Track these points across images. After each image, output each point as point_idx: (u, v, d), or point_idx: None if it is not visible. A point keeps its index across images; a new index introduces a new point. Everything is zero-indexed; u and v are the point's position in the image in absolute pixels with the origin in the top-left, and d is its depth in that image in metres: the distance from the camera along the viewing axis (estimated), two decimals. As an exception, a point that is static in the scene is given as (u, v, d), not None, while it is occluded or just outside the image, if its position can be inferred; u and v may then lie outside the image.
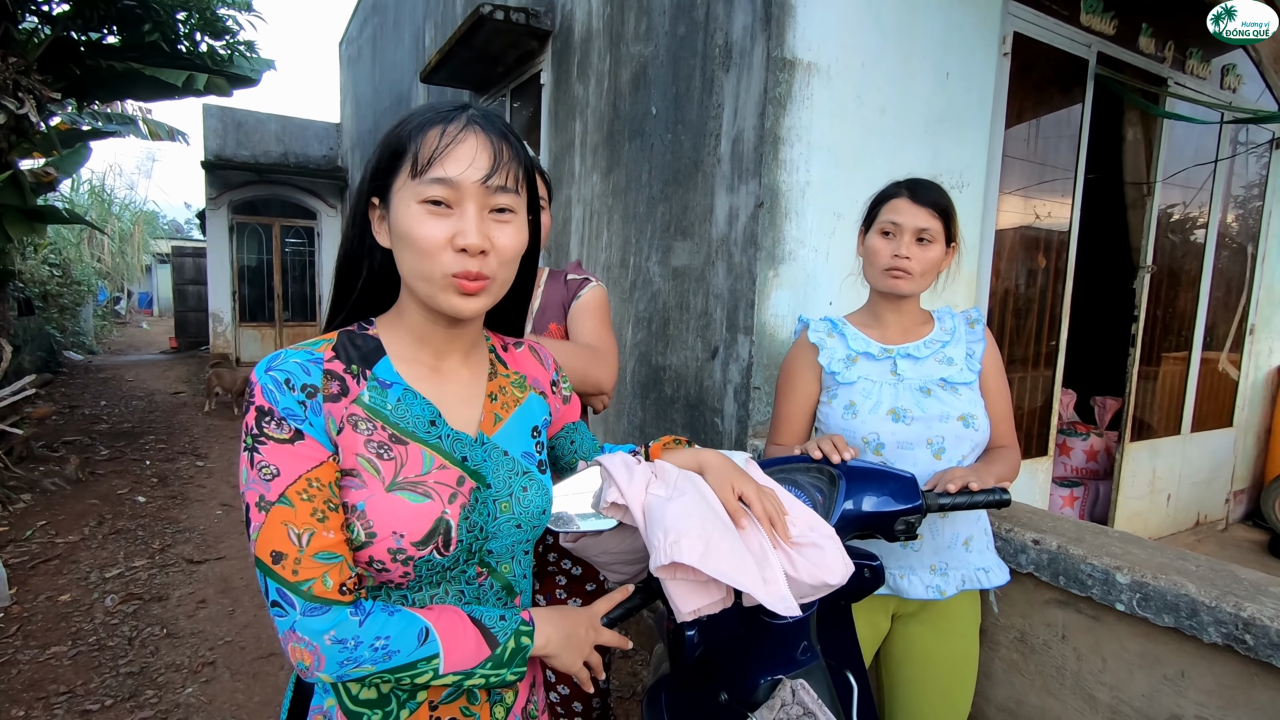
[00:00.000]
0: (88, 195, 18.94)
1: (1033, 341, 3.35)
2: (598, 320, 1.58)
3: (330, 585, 0.73)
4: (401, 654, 0.75)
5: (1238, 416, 4.46)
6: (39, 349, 9.64)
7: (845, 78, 2.30)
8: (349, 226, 0.87)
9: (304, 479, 0.74)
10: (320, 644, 0.72)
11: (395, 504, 0.78)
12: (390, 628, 0.75)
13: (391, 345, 0.85)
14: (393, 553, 0.77)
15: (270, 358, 0.77)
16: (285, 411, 0.74)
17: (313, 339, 0.83)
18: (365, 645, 0.74)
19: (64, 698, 2.50)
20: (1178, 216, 4.06)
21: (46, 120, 6.16)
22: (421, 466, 0.81)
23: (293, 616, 0.72)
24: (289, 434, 0.74)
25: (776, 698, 1.09)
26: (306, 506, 0.73)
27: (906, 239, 1.35)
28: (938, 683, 1.41)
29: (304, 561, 0.72)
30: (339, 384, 0.79)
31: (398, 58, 7.06)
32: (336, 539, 0.75)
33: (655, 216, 2.81)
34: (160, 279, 24.79)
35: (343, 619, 0.73)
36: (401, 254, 0.80)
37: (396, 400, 0.82)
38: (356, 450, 0.78)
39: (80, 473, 5.14)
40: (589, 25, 3.35)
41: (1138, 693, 1.34)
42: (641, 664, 2.70)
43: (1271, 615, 1.13)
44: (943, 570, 1.39)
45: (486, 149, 0.78)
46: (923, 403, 1.37)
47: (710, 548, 0.96)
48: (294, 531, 0.72)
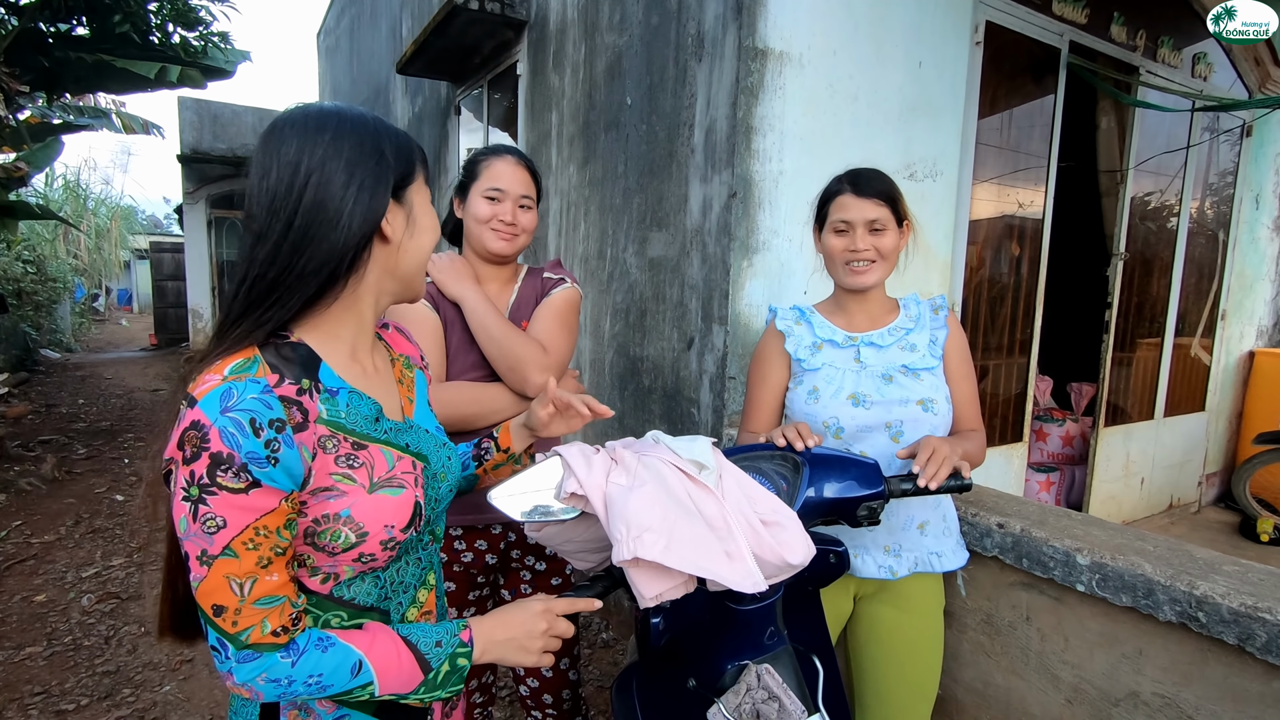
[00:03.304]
0: (62, 190, 18.60)
1: (1008, 329, 3.38)
2: (556, 321, 1.56)
3: (267, 630, 0.74)
4: (335, 686, 0.78)
5: (1210, 401, 4.54)
6: (14, 347, 9.49)
7: (817, 66, 2.30)
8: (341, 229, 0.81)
9: (250, 529, 0.72)
10: (255, 684, 0.75)
11: (381, 502, 0.82)
12: (323, 665, 0.77)
13: (322, 350, 0.84)
14: (384, 543, 0.83)
15: (220, 395, 0.71)
16: (248, 457, 0.70)
17: (235, 362, 0.74)
18: (299, 683, 0.77)
19: (39, 698, 2.48)
20: (1151, 204, 4.11)
21: (15, 114, 6.04)
22: (387, 464, 0.85)
23: (229, 664, 0.74)
24: (244, 484, 0.70)
25: (742, 682, 1.11)
26: (252, 556, 0.73)
27: (860, 233, 1.39)
28: (901, 663, 1.44)
29: (244, 610, 0.73)
30: (298, 409, 0.76)
31: (375, 49, 6.98)
32: (280, 581, 0.76)
33: (631, 208, 2.80)
34: (139, 275, 24.43)
35: (273, 662, 0.75)
36: (420, 238, 0.88)
37: (346, 406, 0.83)
38: (329, 469, 0.79)
39: (57, 472, 5.08)
40: (564, 15, 3.33)
41: (1098, 671, 1.37)
42: (621, 653, 2.72)
43: (1223, 593, 1.16)
44: (896, 552, 1.44)
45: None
46: (883, 388, 1.40)
47: (673, 539, 0.97)
48: (236, 582, 0.72)
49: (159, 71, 6.31)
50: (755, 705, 1.07)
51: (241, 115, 10.33)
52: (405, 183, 0.85)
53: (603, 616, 2.99)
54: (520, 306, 1.60)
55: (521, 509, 1.04)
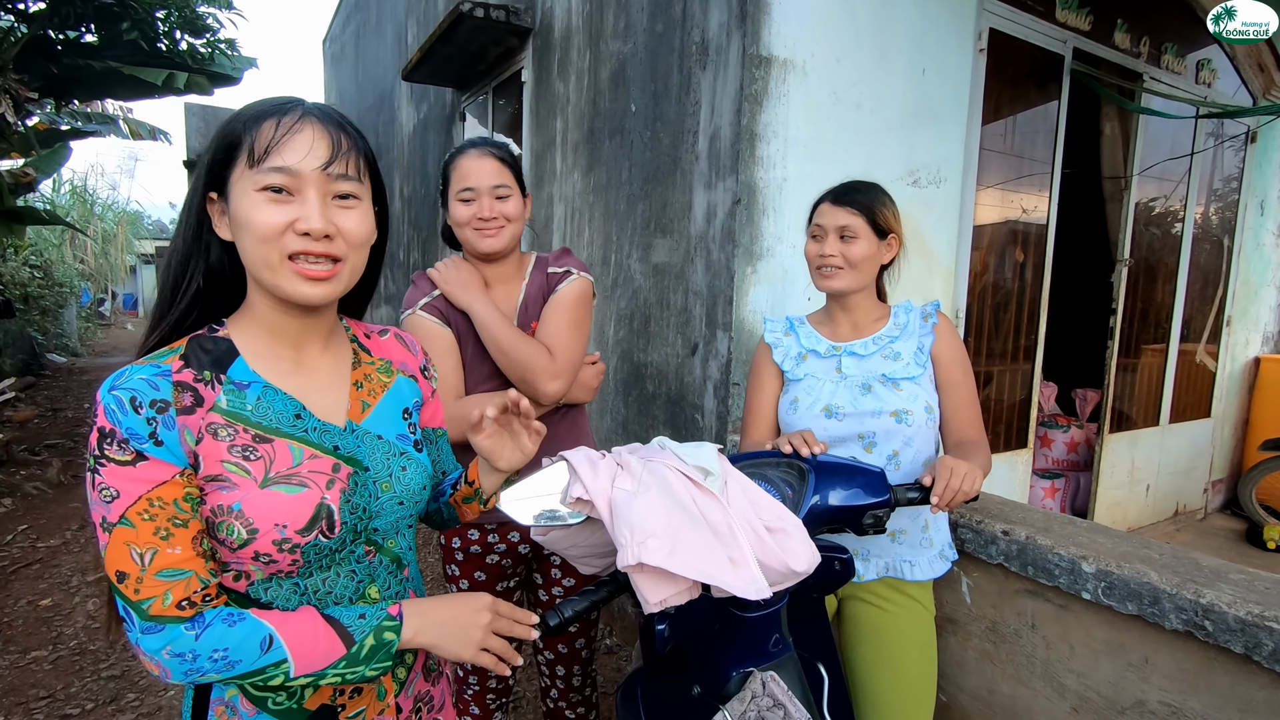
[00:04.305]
0: (69, 196, 18.71)
1: (1012, 335, 3.38)
2: (564, 319, 1.51)
3: (170, 602, 0.74)
4: (244, 663, 0.76)
5: (1215, 407, 4.52)
6: (20, 352, 9.53)
7: (821, 74, 2.31)
8: (182, 222, 0.85)
9: (144, 499, 0.73)
10: (160, 659, 0.74)
11: (272, 498, 0.79)
12: (228, 639, 0.75)
13: (244, 344, 0.84)
14: (278, 543, 0.79)
15: (116, 375, 0.75)
16: (128, 433, 0.73)
17: (160, 350, 0.80)
18: (204, 658, 0.75)
19: (44, 702, 2.49)
20: (1155, 210, 4.10)
21: (24, 120, 6.09)
22: (292, 460, 0.82)
23: (134, 633, 0.74)
24: (130, 456, 0.73)
25: (747, 689, 1.11)
26: (149, 526, 0.73)
27: (830, 238, 1.44)
28: (893, 664, 1.44)
29: (145, 580, 0.73)
30: (191, 395, 0.78)
31: (380, 55, 7.02)
32: (184, 554, 0.75)
33: (635, 214, 2.81)
34: (145, 280, 24.56)
35: (177, 635, 0.74)
36: (243, 243, 0.79)
37: (256, 400, 0.82)
38: (220, 457, 0.78)
39: (62, 476, 5.10)
40: (568, 22, 3.35)
41: (1104, 679, 1.36)
42: (625, 660, 2.71)
43: (1229, 601, 1.15)
44: (864, 556, 1.47)
45: (325, 138, 0.79)
46: (859, 399, 1.42)
47: (677, 544, 0.97)
48: (136, 551, 0.73)
49: (166, 78, 6.37)
50: (760, 713, 1.07)
51: (247, 121, 10.37)
52: (221, 168, 0.80)
53: (606, 622, 2.98)
54: (528, 306, 1.55)
55: (528, 513, 1.04)
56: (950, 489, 1.19)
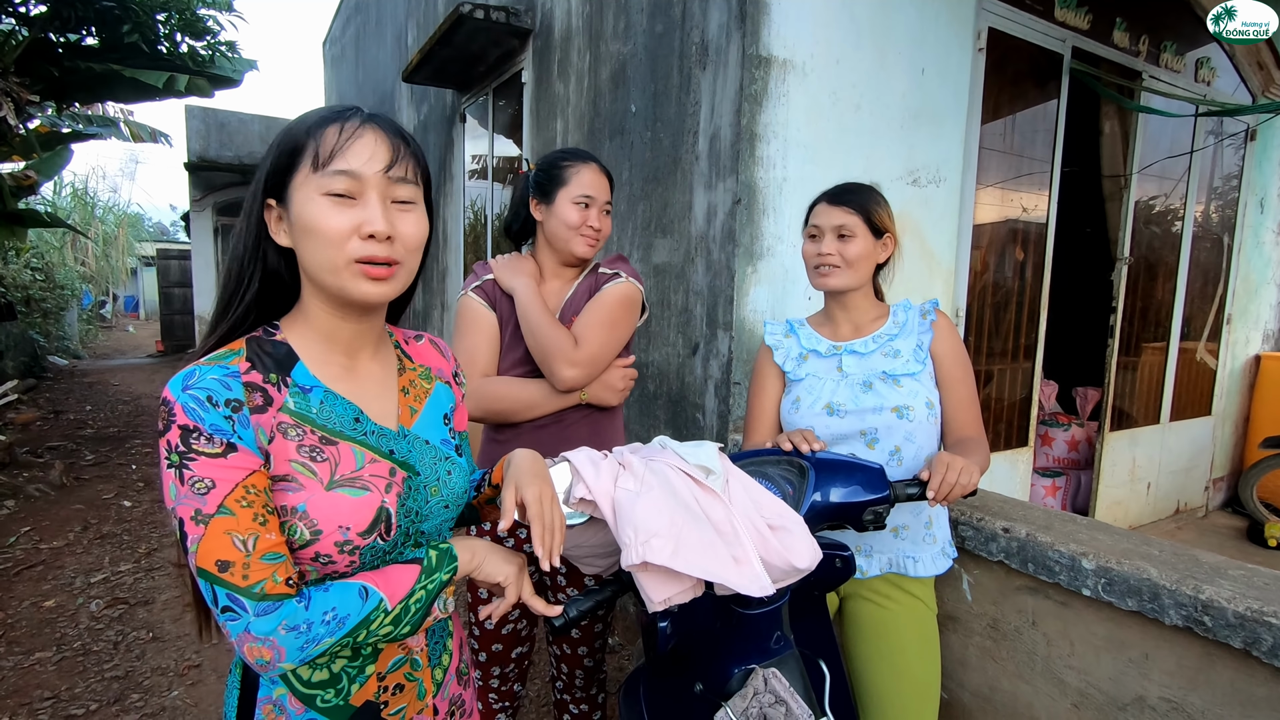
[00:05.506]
0: (70, 198, 18.72)
1: (1012, 333, 3.39)
2: (601, 315, 1.53)
3: (279, 581, 0.75)
4: (352, 616, 0.78)
5: (1216, 405, 4.53)
6: (22, 354, 9.54)
7: (820, 74, 2.31)
8: (243, 228, 0.86)
9: (241, 487, 0.75)
10: (277, 637, 0.75)
11: (337, 500, 0.81)
12: (332, 599, 0.78)
13: (302, 348, 0.86)
14: (339, 545, 0.81)
15: (184, 375, 0.77)
16: (213, 428, 0.74)
17: (221, 351, 0.81)
18: (317, 623, 0.76)
19: (48, 703, 2.49)
20: (1155, 208, 4.11)
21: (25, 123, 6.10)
22: (355, 463, 0.84)
23: (246, 619, 0.74)
24: (221, 448, 0.75)
25: (749, 687, 1.11)
26: (248, 513, 0.75)
27: (827, 238, 1.46)
28: (894, 660, 1.44)
29: (253, 564, 0.74)
30: (261, 395, 0.80)
31: (380, 57, 7.03)
32: (278, 539, 0.77)
33: (636, 214, 2.82)
34: (146, 282, 24.57)
35: (291, 610, 0.75)
36: (306, 248, 0.81)
37: (320, 403, 0.84)
38: (289, 456, 0.80)
39: (65, 478, 5.10)
40: (569, 23, 3.36)
41: (1104, 676, 1.37)
42: (628, 658, 2.72)
43: (1229, 597, 1.16)
44: (867, 552, 1.47)
45: (385, 142, 0.81)
46: (860, 397, 1.44)
47: (680, 543, 0.98)
48: (239, 538, 0.74)
49: (167, 80, 6.37)
50: (762, 709, 1.07)
51: (248, 123, 10.41)
52: (283, 175, 0.81)
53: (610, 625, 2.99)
54: (574, 302, 1.59)
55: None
56: (946, 483, 1.20)
